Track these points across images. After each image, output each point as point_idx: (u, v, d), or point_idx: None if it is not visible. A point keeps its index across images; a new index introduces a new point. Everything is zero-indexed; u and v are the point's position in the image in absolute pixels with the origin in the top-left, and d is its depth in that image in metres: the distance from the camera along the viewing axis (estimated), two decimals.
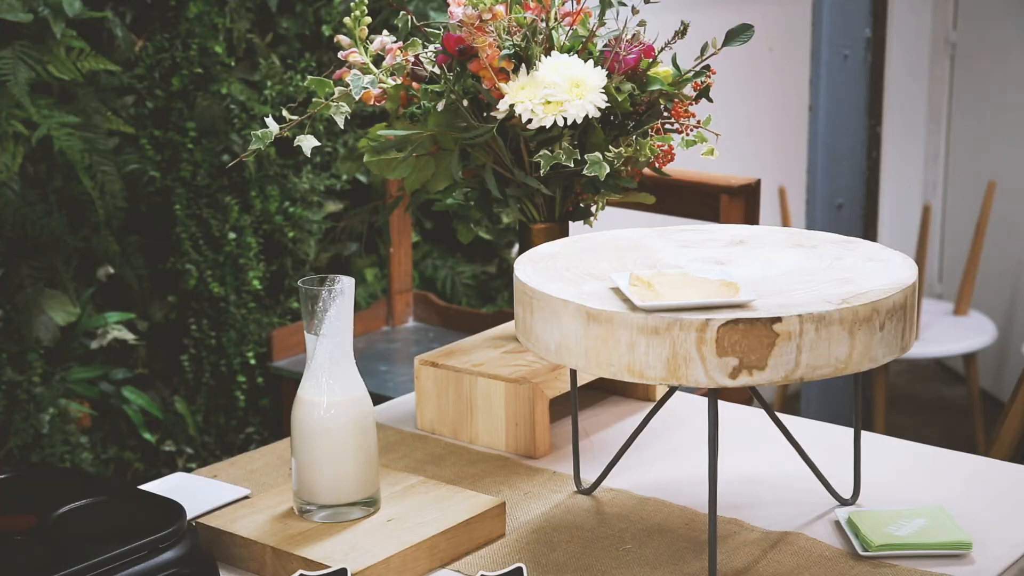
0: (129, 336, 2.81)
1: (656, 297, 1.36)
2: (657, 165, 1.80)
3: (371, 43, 1.79)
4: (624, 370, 1.35)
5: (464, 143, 1.75)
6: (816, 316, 1.32)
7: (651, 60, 1.76)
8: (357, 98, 1.74)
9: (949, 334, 4.03)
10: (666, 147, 1.78)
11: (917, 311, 1.45)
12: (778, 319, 1.31)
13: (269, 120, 1.72)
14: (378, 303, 3.25)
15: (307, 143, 1.73)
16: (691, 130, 1.78)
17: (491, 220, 1.87)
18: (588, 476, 1.68)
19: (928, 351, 3.97)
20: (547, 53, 1.73)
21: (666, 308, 1.34)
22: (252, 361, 3.00)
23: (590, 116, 1.69)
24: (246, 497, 1.63)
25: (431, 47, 1.79)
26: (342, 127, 2.19)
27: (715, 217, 2.60)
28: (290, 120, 1.74)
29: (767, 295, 1.38)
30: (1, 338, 2.64)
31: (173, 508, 1.41)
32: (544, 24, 1.75)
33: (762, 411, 1.72)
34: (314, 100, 1.75)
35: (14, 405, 2.65)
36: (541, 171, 1.71)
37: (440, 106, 1.74)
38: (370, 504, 1.53)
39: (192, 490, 1.64)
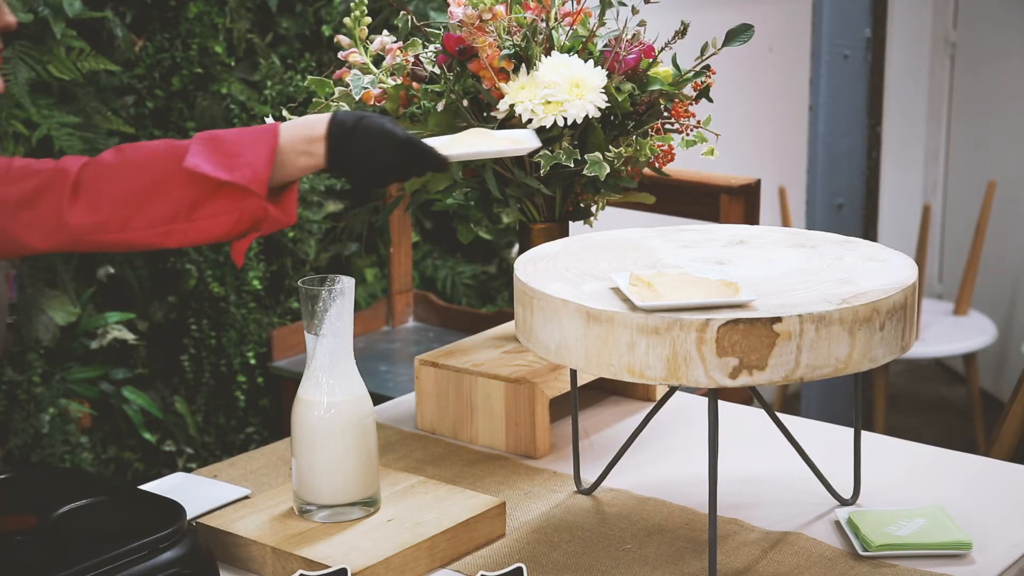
0: (129, 336, 2.81)
1: (656, 297, 1.35)
2: (657, 165, 1.80)
3: (371, 43, 1.79)
4: (624, 370, 1.35)
5: None
6: (816, 316, 1.32)
7: (651, 60, 1.76)
8: (357, 98, 1.74)
9: (949, 334, 4.03)
10: (666, 147, 1.78)
11: (917, 311, 1.45)
12: (778, 319, 1.31)
13: (269, 120, 1.72)
14: (378, 303, 3.25)
15: None
16: (691, 130, 1.78)
17: (491, 220, 1.87)
18: (588, 476, 1.68)
19: (928, 351, 3.97)
20: (547, 53, 1.73)
21: (666, 308, 1.34)
22: (252, 361, 3.00)
23: (590, 116, 1.69)
24: (246, 497, 1.63)
25: (431, 47, 1.79)
26: None
27: (715, 217, 2.60)
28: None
29: (767, 295, 1.38)
30: None
31: (173, 508, 1.41)
32: (544, 24, 1.75)
33: (762, 411, 1.72)
34: (314, 100, 1.75)
35: (14, 405, 2.64)
36: (541, 171, 1.71)
37: (440, 106, 1.74)
38: (370, 504, 1.53)
39: (192, 490, 1.64)
